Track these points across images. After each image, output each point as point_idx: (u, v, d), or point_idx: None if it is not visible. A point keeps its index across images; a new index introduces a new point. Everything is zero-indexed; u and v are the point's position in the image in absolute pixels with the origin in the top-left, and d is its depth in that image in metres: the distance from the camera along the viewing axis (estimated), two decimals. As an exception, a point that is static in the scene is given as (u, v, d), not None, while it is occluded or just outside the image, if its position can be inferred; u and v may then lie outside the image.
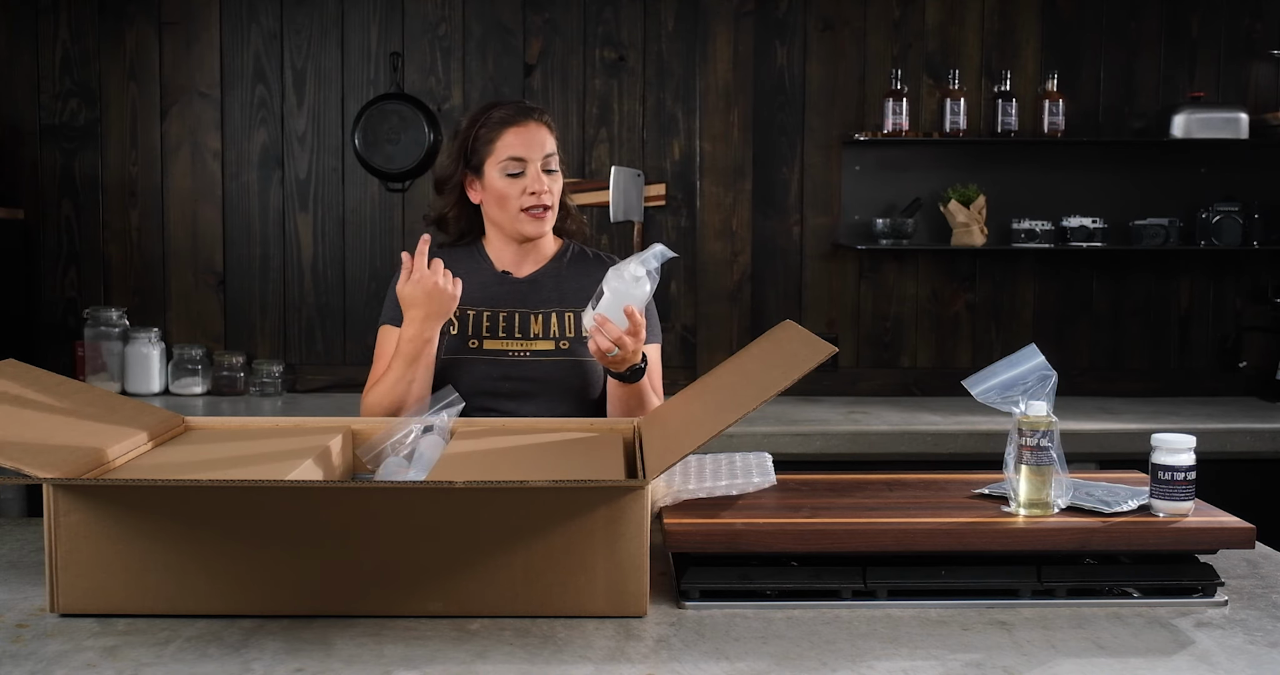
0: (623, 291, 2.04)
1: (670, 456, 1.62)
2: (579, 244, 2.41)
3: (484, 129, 2.26)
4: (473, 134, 2.27)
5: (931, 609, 1.63)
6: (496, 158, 2.24)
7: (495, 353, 2.25)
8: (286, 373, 3.98)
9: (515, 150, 2.23)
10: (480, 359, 2.24)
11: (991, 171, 4.02)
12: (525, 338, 2.27)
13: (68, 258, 3.99)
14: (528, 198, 2.24)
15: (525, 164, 2.24)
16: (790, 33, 4.00)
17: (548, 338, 2.27)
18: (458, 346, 2.25)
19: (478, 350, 2.25)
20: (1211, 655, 1.48)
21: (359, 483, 1.68)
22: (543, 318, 2.29)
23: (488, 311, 2.28)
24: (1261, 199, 3.97)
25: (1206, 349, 4.12)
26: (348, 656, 1.45)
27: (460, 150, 2.28)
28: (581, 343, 2.28)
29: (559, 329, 2.28)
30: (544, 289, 2.31)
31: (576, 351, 2.27)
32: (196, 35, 3.96)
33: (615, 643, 1.50)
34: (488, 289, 2.30)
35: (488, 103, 2.35)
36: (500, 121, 2.25)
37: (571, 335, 2.28)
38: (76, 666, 1.42)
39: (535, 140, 2.25)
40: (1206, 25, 4.04)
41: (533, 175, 2.24)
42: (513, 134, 2.24)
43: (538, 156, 2.24)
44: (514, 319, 2.28)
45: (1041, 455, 1.69)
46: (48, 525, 1.55)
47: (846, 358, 4.08)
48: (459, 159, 2.28)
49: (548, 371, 2.25)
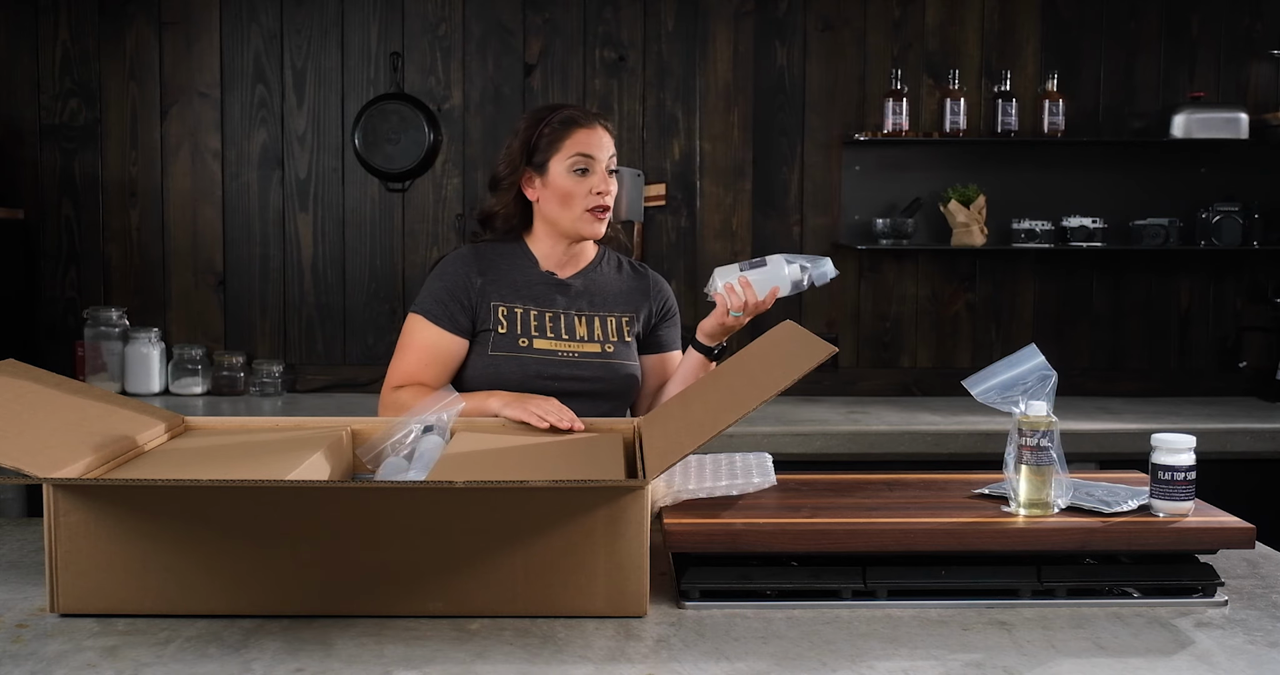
0: (776, 276, 2.20)
1: (670, 456, 1.62)
2: (613, 251, 2.43)
3: (550, 127, 2.26)
4: (538, 131, 2.27)
5: (931, 609, 1.63)
6: (564, 154, 2.25)
7: (545, 352, 2.27)
8: (286, 373, 3.98)
9: (584, 148, 2.25)
10: (531, 357, 2.26)
11: (991, 171, 4.02)
12: (572, 339, 2.29)
13: (68, 258, 3.99)
14: (593, 197, 2.26)
15: (593, 163, 2.25)
16: (790, 33, 4.00)
17: (593, 341, 2.30)
18: (508, 344, 2.26)
19: (528, 349, 2.26)
20: (1211, 655, 1.48)
21: (359, 483, 1.68)
22: (586, 320, 2.31)
23: (535, 310, 2.29)
24: (1261, 199, 3.97)
25: (1206, 349, 4.12)
26: (348, 656, 1.45)
27: (524, 147, 2.28)
28: (625, 346, 2.33)
29: (603, 333, 2.31)
30: (587, 293, 2.34)
31: (621, 355, 2.31)
32: (196, 35, 3.96)
33: (615, 643, 1.50)
34: (534, 288, 2.31)
35: (548, 104, 2.36)
36: (568, 121, 2.27)
37: (615, 340, 2.32)
38: (76, 666, 1.42)
39: (602, 142, 2.28)
40: (1206, 25, 4.04)
41: (600, 175, 2.26)
42: (582, 134, 2.26)
43: (604, 158, 2.27)
44: (560, 320, 2.30)
45: (1041, 455, 1.69)
46: (48, 525, 1.55)
47: (846, 358, 4.08)
48: (521, 155, 2.28)
49: (594, 373, 2.27)
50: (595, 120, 2.29)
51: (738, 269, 2.22)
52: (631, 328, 2.35)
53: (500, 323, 2.28)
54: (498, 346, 2.26)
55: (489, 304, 2.28)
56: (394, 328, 4.01)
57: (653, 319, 2.40)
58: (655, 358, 2.40)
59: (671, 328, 2.43)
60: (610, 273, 2.39)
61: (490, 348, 2.26)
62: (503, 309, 2.28)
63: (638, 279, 2.41)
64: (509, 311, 2.28)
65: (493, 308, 2.28)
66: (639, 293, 2.39)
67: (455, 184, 4.00)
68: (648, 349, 2.40)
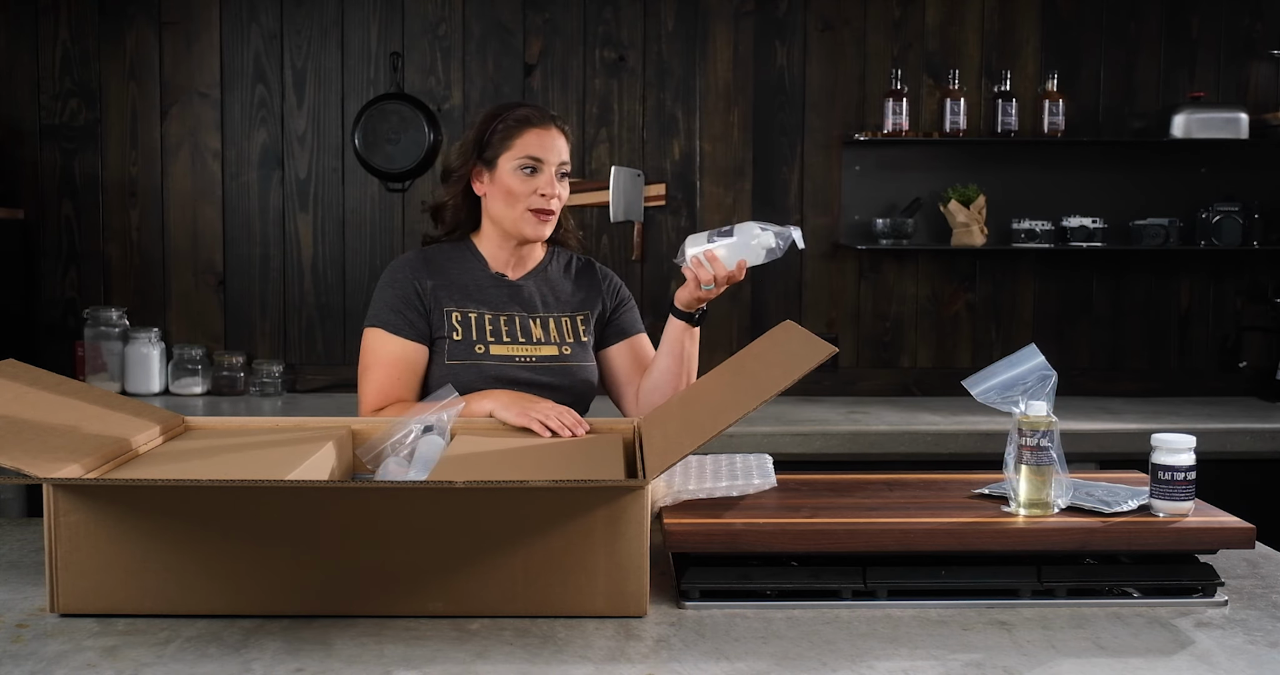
0: (745, 246, 2.12)
1: (670, 456, 1.62)
2: (562, 250, 2.42)
3: (503, 124, 2.25)
4: (491, 127, 2.26)
5: (931, 609, 1.63)
6: (513, 154, 2.24)
7: (502, 358, 2.24)
8: (286, 373, 3.98)
9: (534, 150, 2.24)
10: (489, 364, 2.23)
11: (991, 171, 4.02)
12: (529, 342, 2.27)
13: (68, 258, 3.99)
14: (537, 199, 2.24)
15: (541, 164, 2.24)
16: (790, 33, 4.00)
17: (550, 343, 2.28)
18: (464, 352, 2.23)
19: (485, 355, 2.24)
20: (1211, 655, 1.48)
21: (359, 483, 1.68)
22: (541, 322, 2.30)
23: (489, 315, 2.27)
24: (1261, 199, 3.97)
25: (1206, 349, 4.12)
26: (348, 656, 1.45)
27: (475, 141, 2.27)
28: (582, 347, 2.31)
29: (559, 334, 2.30)
30: (539, 293, 2.33)
31: (578, 356, 2.30)
32: (196, 35, 3.96)
33: (615, 643, 1.50)
34: (485, 291, 2.29)
35: (507, 102, 2.35)
36: (522, 120, 2.25)
37: (571, 340, 2.30)
38: (76, 666, 1.42)
39: (554, 145, 2.26)
40: (1206, 25, 4.04)
41: (547, 177, 2.24)
42: (534, 134, 2.24)
43: (554, 160, 2.25)
44: (515, 323, 2.28)
45: (1041, 455, 1.69)
46: (48, 525, 1.55)
47: (846, 358, 4.08)
48: (472, 149, 2.28)
49: (555, 377, 2.25)
50: (551, 122, 2.27)
51: (705, 239, 2.15)
52: (587, 326, 2.34)
53: (455, 328, 2.24)
54: (454, 354, 2.23)
55: (441, 309, 2.25)
56: (394, 328, 4.01)
57: (607, 312, 2.38)
58: (624, 345, 2.38)
59: (628, 312, 2.40)
60: (559, 272, 2.37)
61: (446, 356, 2.23)
62: (456, 314, 2.25)
63: (587, 276, 2.39)
64: (463, 317, 2.25)
65: (446, 313, 2.25)
66: (590, 289, 2.37)
67: (455, 184, 4.00)
68: (613, 338, 2.38)
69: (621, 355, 2.38)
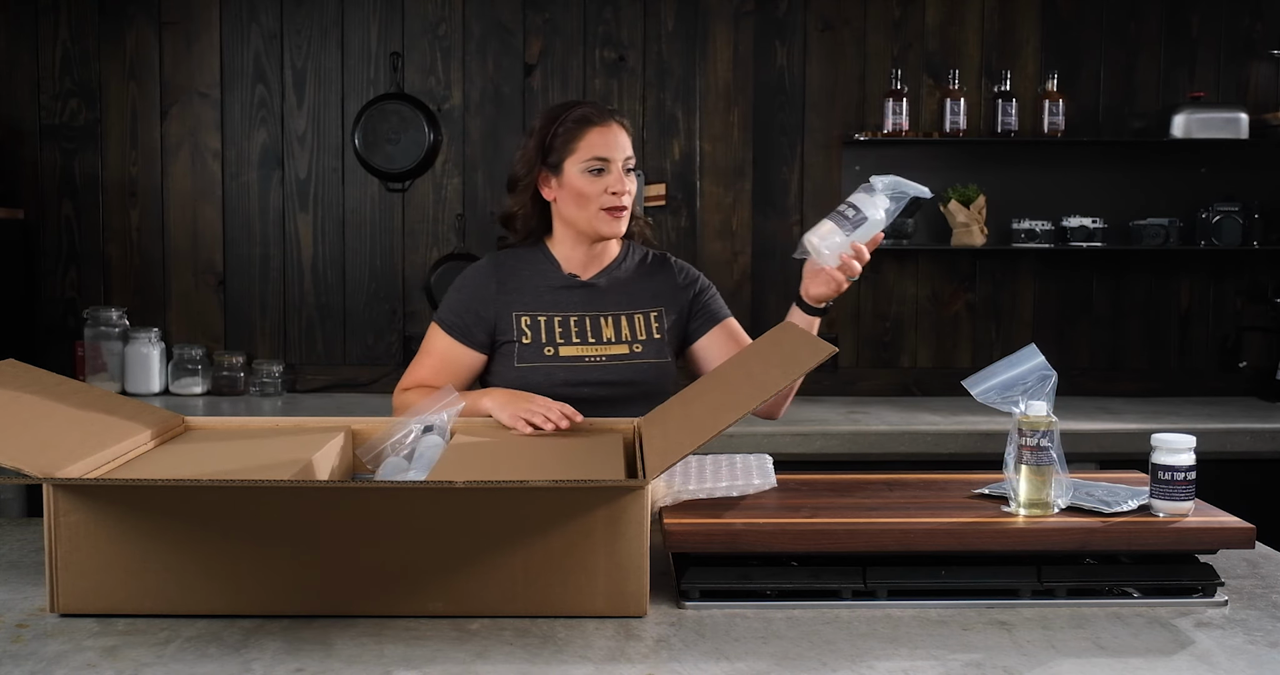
0: (877, 223, 2.00)
1: (670, 456, 1.62)
2: (639, 245, 2.41)
3: (563, 127, 2.24)
4: (552, 131, 2.25)
5: (931, 609, 1.63)
6: (579, 156, 2.23)
7: (572, 359, 2.24)
8: (286, 373, 3.98)
9: (599, 150, 2.22)
10: (557, 366, 2.23)
11: (991, 171, 4.01)
12: (599, 342, 2.26)
13: (68, 258, 3.99)
14: (609, 197, 2.23)
15: (608, 163, 2.23)
16: (790, 33, 4.00)
17: (620, 342, 2.27)
18: (534, 355, 2.24)
19: (554, 357, 2.24)
20: (1211, 655, 1.48)
21: (359, 483, 1.68)
22: (612, 320, 2.28)
23: (559, 317, 2.27)
24: (1261, 199, 3.97)
25: (1206, 349, 4.12)
26: (348, 656, 1.45)
27: (538, 147, 2.26)
28: (656, 343, 2.28)
29: (630, 332, 2.28)
30: (611, 291, 2.31)
31: (649, 354, 2.27)
32: (196, 35, 3.96)
33: (615, 643, 1.50)
34: (556, 293, 2.29)
35: (563, 103, 2.33)
36: (582, 120, 2.24)
37: (643, 337, 2.29)
38: (76, 666, 1.42)
39: (618, 141, 2.25)
40: (1206, 25, 4.04)
41: (615, 174, 2.23)
42: (596, 133, 2.23)
43: (619, 157, 2.24)
44: (585, 323, 2.27)
45: (1041, 455, 1.69)
46: (48, 525, 1.55)
47: (846, 358, 4.08)
48: (536, 156, 2.26)
49: (624, 375, 2.24)
50: (610, 118, 2.26)
51: (840, 233, 2.00)
52: (661, 323, 2.31)
53: (524, 333, 2.25)
54: (524, 357, 2.24)
55: (510, 315, 2.27)
56: (394, 328, 4.02)
57: (687, 305, 2.35)
58: (716, 332, 2.34)
59: (712, 299, 2.38)
60: (632, 269, 2.36)
61: (516, 359, 2.24)
62: (525, 318, 2.26)
63: (661, 271, 2.37)
64: (532, 320, 2.26)
65: (515, 318, 2.26)
66: (664, 284, 2.35)
67: (455, 184, 4.00)
68: (703, 327, 2.34)
69: (716, 342, 2.34)
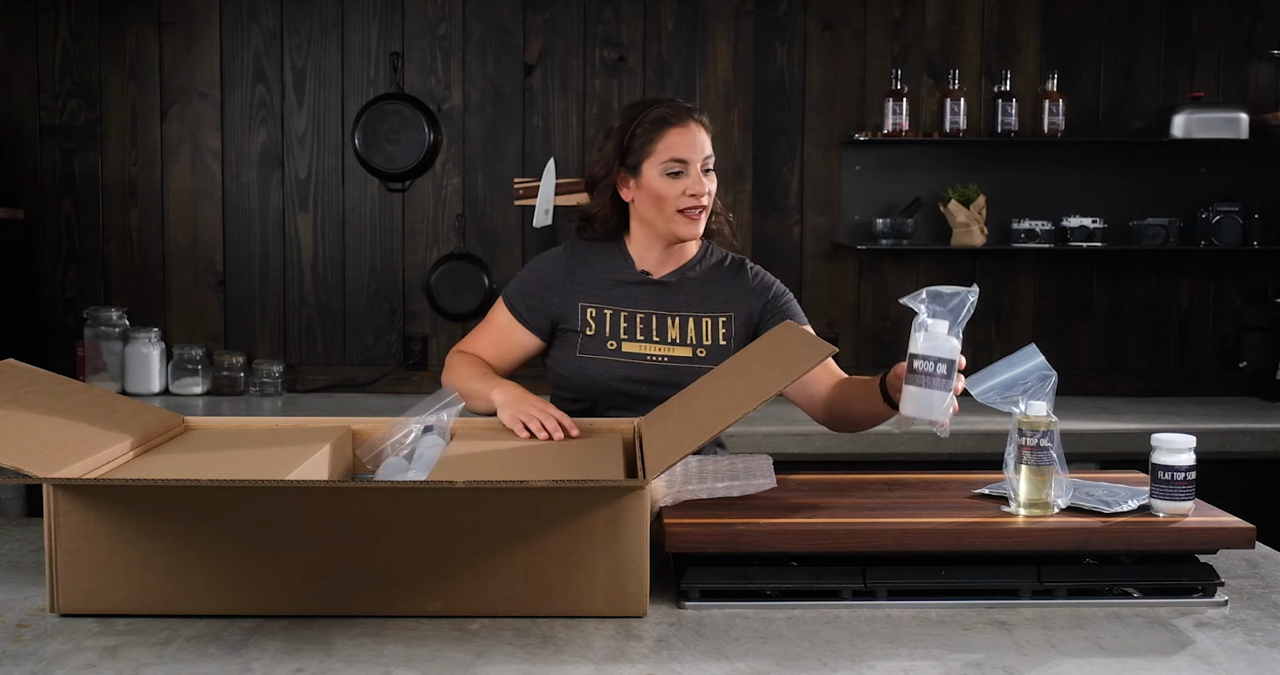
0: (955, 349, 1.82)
1: (670, 456, 1.62)
2: (718, 246, 2.37)
3: (641, 127, 2.21)
4: (630, 132, 2.21)
5: (931, 609, 1.63)
6: (657, 158, 2.19)
7: (633, 356, 2.22)
8: (286, 373, 3.98)
9: (678, 151, 2.19)
10: (618, 361, 2.21)
11: (991, 171, 4.01)
12: (663, 342, 2.23)
13: (68, 258, 3.99)
14: (687, 199, 2.20)
15: (687, 165, 2.19)
16: (790, 33, 4.00)
17: (685, 344, 2.24)
18: (596, 347, 2.22)
19: (616, 352, 2.22)
20: (1211, 655, 1.48)
21: (359, 483, 1.68)
22: (679, 321, 2.25)
23: (624, 312, 2.25)
24: (1261, 199, 3.97)
25: (1206, 349, 4.12)
26: (348, 656, 1.45)
27: (616, 148, 2.23)
28: (717, 351, 2.23)
29: (696, 335, 2.25)
30: (682, 291, 2.28)
31: (711, 359, 2.20)
32: (196, 35, 3.96)
33: (615, 643, 1.50)
34: (625, 288, 2.27)
35: (641, 101, 2.30)
36: (659, 121, 2.20)
37: (709, 342, 2.25)
38: (76, 666, 1.42)
39: (696, 141, 2.21)
40: (1206, 25, 4.03)
41: (694, 176, 2.19)
42: (674, 134, 2.20)
43: (698, 158, 2.20)
44: (650, 321, 2.24)
45: (1041, 455, 1.69)
46: (48, 525, 1.55)
47: (846, 358, 4.07)
48: (614, 157, 2.23)
49: (683, 379, 2.13)
50: (689, 117, 2.21)
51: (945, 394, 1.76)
52: (729, 329, 2.27)
53: (588, 324, 2.23)
54: (586, 348, 2.22)
55: (576, 304, 2.25)
56: (394, 328, 4.02)
57: (758, 312, 2.29)
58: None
59: (787, 305, 2.31)
60: (707, 271, 2.31)
61: (578, 350, 2.22)
62: (591, 310, 2.24)
63: (736, 275, 2.32)
64: (598, 313, 2.24)
65: (580, 308, 2.24)
66: (737, 290, 2.30)
67: (455, 184, 4.00)
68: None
69: None
